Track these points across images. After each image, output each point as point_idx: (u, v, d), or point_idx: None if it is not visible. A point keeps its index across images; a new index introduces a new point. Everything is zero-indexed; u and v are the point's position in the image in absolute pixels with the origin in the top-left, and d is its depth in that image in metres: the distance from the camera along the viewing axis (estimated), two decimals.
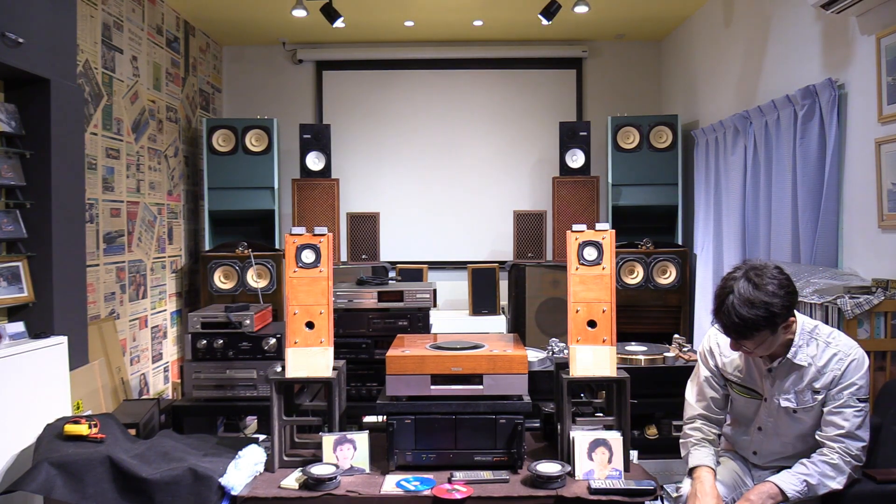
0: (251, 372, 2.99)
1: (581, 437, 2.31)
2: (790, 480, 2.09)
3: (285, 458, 2.42)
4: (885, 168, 3.04)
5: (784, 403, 2.19)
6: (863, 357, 2.14)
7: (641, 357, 3.05)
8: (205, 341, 2.96)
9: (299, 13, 4.73)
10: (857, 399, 2.11)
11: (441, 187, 6.25)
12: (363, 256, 5.28)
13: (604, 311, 2.39)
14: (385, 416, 2.41)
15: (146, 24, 4.74)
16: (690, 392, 2.41)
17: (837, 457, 2.10)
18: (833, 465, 2.10)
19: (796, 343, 2.15)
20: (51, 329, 3.05)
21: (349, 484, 2.25)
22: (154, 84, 4.86)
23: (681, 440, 2.37)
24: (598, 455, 2.29)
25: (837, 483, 2.09)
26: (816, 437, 2.16)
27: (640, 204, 5.28)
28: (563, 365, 2.45)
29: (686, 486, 2.23)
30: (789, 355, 2.15)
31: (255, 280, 4.69)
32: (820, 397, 2.14)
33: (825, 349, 2.15)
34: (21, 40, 2.90)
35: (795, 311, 2.17)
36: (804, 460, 2.14)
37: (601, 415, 2.52)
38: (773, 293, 2.03)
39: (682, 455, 2.33)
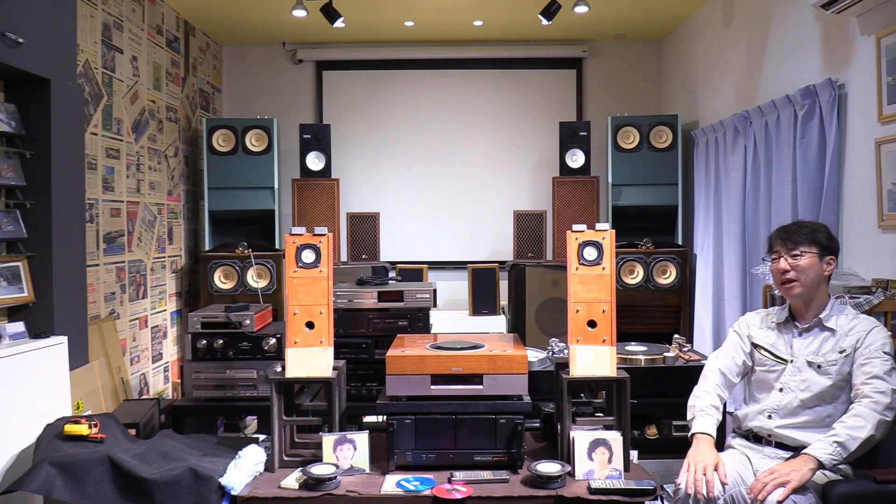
0: (251, 372, 2.99)
1: (581, 437, 2.31)
2: (820, 446, 2.18)
3: (285, 458, 2.42)
4: (885, 168, 3.04)
5: (810, 359, 2.38)
6: (883, 328, 2.38)
7: (641, 357, 3.05)
8: (205, 341, 2.96)
9: (299, 13, 4.73)
10: (883, 352, 2.29)
11: (441, 187, 6.25)
12: (363, 256, 5.28)
13: (604, 311, 2.39)
14: (385, 416, 2.41)
15: (146, 24, 4.74)
16: (713, 354, 2.62)
17: (866, 403, 2.20)
18: (858, 414, 2.19)
19: (828, 310, 2.41)
20: (51, 329, 3.05)
21: (349, 484, 2.25)
22: (154, 84, 4.86)
23: (689, 402, 2.49)
24: (598, 455, 2.29)
25: (867, 431, 2.16)
26: (851, 396, 2.29)
27: (640, 204, 5.28)
28: (563, 365, 2.45)
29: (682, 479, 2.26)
30: (821, 315, 2.40)
31: (255, 280, 4.69)
32: (844, 355, 2.33)
33: (851, 319, 2.40)
34: (21, 40, 2.90)
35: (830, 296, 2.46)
36: (836, 423, 2.22)
37: (601, 415, 2.53)
38: (822, 224, 2.49)
39: (688, 419, 2.45)
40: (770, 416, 2.41)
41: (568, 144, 5.35)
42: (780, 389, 2.41)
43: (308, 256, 2.46)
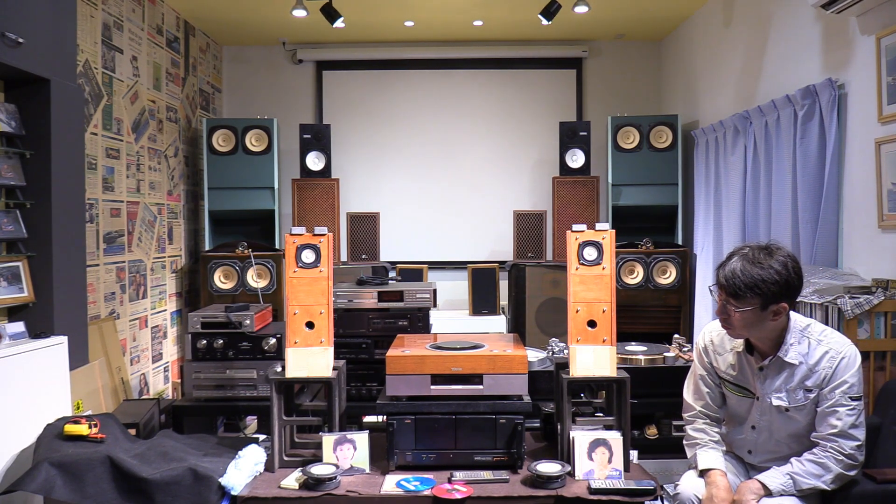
0: (251, 372, 2.99)
1: (581, 437, 2.31)
2: (774, 475, 2.12)
3: (285, 458, 2.42)
4: (885, 168, 3.04)
5: (776, 402, 2.19)
6: (854, 355, 2.14)
7: (641, 357, 3.05)
8: (205, 341, 2.96)
9: (299, 13, 4.73)
10: (850, 398, 2.10)
11: (441, 187, 6.25)
12: (363, 256, 5.28)
13: (604, 311, 2.39)
14: (385, 416, 2.41)
15: (146, 24, 4.74)
16: (688, 391, 2.43)
17: (829, 455, 2.10)
18: (820, 464, 2.10)
19: (787, 341, 2.16)
20: (51, 329, 3.05)
21: (349, 484, 2.25)
22: (154, 84, 4.86)
23: (685, 442, 2.37)
24: (598, 455, 2.29)
25: (823, 482, 2.08)
26: (812, 437, 2.16)
27: (640, 204, 5.28)
28: (563, 365, 2.45)
29: (685, 482, 2.24)
30: (780, 353, 2.16)
31: (255, 280, 4.69)
32: (812, 395, 2.15)
33: (816, 347, 2.15)
34: (21, 40, 2.90)
35: (791, 313, 2.18)
36: (794, 458, 2.15)
37: (601, 415, 2.53)
38: (777, 270, 2.08)
39: (689, 456, 2.33)
40: (750, 452, 2.32)
41: (568, 144, 5.35)
42: (753, 427, 2.28)
43: (308, 256, 2.46)
